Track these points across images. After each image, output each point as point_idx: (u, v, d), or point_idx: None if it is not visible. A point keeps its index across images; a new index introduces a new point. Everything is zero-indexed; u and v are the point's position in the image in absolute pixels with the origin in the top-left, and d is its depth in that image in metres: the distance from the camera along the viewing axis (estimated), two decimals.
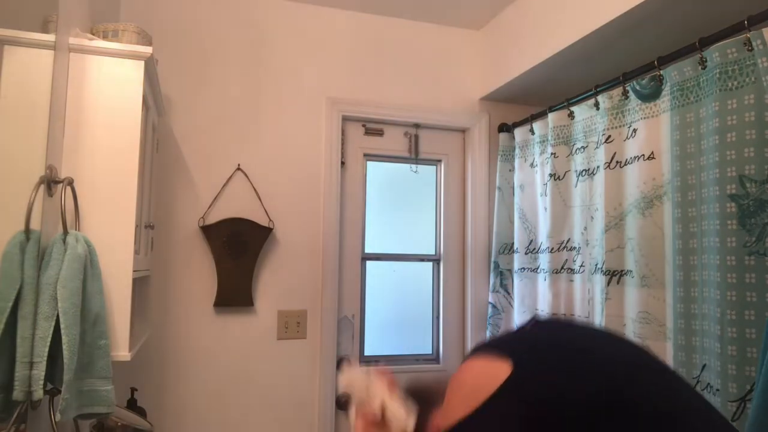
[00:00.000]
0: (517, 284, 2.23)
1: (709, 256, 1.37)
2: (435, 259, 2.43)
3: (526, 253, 2.20)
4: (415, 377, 0.89)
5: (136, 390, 1.81)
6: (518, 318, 2.24)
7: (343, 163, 2.28)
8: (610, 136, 1.78)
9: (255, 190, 2.12)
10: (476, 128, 2.43)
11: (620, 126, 1.75)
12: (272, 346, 2.12)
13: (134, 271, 1.35)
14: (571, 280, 1.96)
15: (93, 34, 1.41)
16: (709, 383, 1.35)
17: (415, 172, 2.43)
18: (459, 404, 0.67)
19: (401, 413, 0.82)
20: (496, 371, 0.65)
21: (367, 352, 2.29)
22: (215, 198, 2.09)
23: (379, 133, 2.36)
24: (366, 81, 2.31)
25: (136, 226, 1.37)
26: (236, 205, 2.10)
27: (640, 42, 1.77)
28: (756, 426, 1.05)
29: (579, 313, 1.91)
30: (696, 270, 1.43)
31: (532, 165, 2.23)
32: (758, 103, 1.29)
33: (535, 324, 0.76)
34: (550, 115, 2.08)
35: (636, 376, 0.67)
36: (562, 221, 2.01)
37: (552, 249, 2.03)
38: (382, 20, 2.36)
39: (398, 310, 2.38)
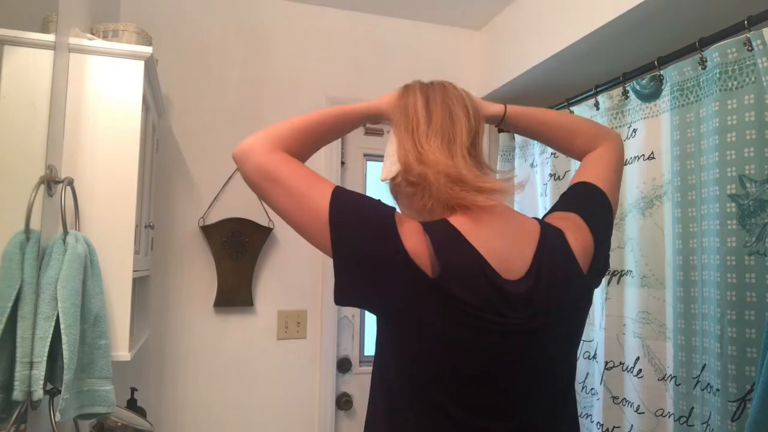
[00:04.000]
0: None
1: (709, 256, 1.37)
2: None
3: None
4: None
5: (136, 390, 1.81)
6: None
7: (343, 163, 2.28)
8: None
9: None
10: None
11: (620, 126, 1.75)
12: (272, 346, 2.12)
13: (134, 271, 1.34)
14: None
15: (93, 34, 1.41)
16: (709, 383, 1.35)
17: None
18: None
19: None
20: None
21: (367, 352, 2.29)
22: (215, 198, 2.09)
23: (379, 133, 2.36)
24: (366, 81, 2.31)
25: (136, 226, 1.37)
26: (236, 205, 2.10)
27: (640, 42, 1.77)
28: (756, 426, 1.05)
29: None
30: (696, 270, 1.43)
31: (532, 165, 2.23)
32: (758, 103, 1.29)
33: None
34: None
35: None
36: None
37: None
38: (382, 20, 2.36)
39: None
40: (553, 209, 0.98)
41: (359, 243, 0.78)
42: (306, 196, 0.80)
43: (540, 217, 0.98)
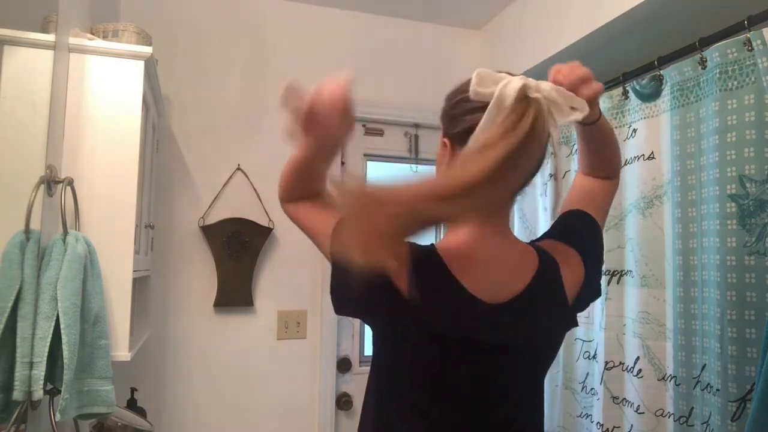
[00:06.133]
0: None
1: (709, 256, 1.37)
2: None
3: None
4: None
5: (136, 390, 1.81)
6: None
7: (343, 163, 2.28)
8: None
9: (255, 190, 2.12)
10: None
11: (620, 126, 1.75)
12: (272, 346, 2.12)
13: (134, 271, 1.35)
14: None
15: (93, 34, 1.41)
16: (709, 383, 1.35)
17: (416, 172, 2.43)
18: None
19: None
20: None
21: (367, 352, 2.29)
22: (215, 198, 2.09)
23: (379, 133, 2.36)
24: (366, 81, 2.30)
25: (136, 226, 1.37)
26: (236, 205, 2.10)
27: (640, 42, 1.77)
28: (756, 426, 1.05)
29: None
30: (696, 270, 1.43)
31: None
32: (758, 103, 1.28)
33: None
34: None
35: None
36: None
37: None
38: (382, 20, 2.36)
39: None
40: (553, 235, 0.99)
41: (351, 272, 0.81)
42: (317, 235, 0.91)
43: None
